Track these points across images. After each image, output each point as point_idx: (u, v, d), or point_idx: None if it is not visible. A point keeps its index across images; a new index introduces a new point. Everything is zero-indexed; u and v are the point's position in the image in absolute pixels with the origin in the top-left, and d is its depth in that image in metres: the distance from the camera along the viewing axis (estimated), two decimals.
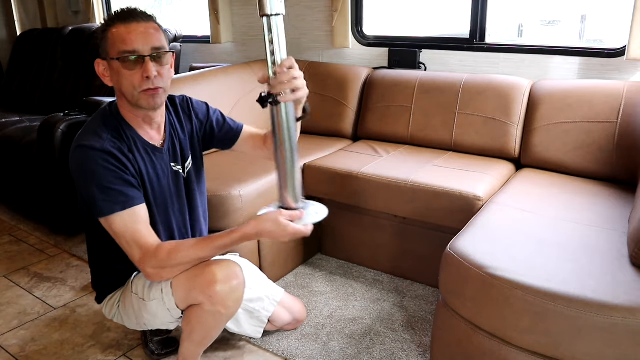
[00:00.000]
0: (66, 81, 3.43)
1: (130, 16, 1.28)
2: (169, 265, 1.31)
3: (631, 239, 1.34)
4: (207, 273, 1.32)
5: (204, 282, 1.32)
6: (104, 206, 1.27)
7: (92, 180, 1.27)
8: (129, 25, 1.27)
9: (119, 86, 1.31)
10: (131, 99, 1.31)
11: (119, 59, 1.26)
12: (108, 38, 1.28)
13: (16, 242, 2.58)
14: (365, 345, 1.74)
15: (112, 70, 1.31)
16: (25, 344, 1.79)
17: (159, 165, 1.42)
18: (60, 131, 2.38)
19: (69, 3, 4.09)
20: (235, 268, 1.37)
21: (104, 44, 1.30)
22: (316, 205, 1.35)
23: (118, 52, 1.26)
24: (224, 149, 1.62)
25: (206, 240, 1.33)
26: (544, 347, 1.21)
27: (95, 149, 1.28)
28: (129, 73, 1.27)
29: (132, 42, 1.25)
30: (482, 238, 1.47)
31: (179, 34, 3.14)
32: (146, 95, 1.30)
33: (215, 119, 1.57)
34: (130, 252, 1.31)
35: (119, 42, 1.26)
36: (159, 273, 1.32)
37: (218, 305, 1.33)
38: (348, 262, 2.29)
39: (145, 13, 1.31)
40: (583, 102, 2.05)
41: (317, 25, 2.94)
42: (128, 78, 1.28)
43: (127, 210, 1.28)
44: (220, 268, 1.33)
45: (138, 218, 1.30)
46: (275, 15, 1.17)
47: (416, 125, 2.41)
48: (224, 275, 1.33)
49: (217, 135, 1.57)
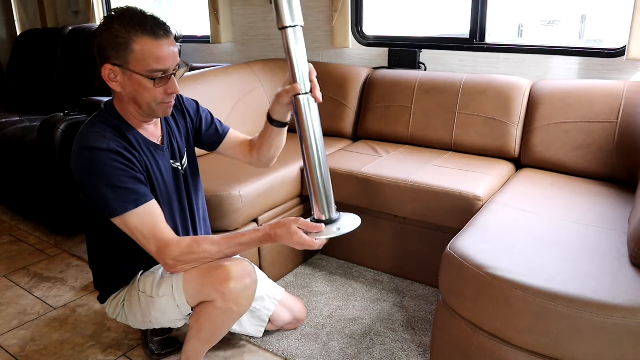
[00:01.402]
0: (66, 81, 3.43)
1: (158, 29, 1.24)
2: (189, 258, 1.32)
3: (631, 239, 1.34)
4: (221, 270, 1.33)
5: (218, 279, 1.33)
6: (117, 206, 1.27)
7: (102, 181, 1.27)
8: (159, 43, 1.24)
9: (134, 95, 1.29)
10: (147, 110, 1.32)
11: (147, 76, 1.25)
12: (134, 50, 1.22)
13: (16, 242, 2.58)
14: (365, 345, 1.74)
15: (129, 80, 1.27)
16: (25, 344, 1.79)
17: (161, 162, 1.42)
18: (60, 131, 2.38)
19: (69, 3, 4.09)
20: (249, 267, 1.38)
21: (124, 53, 1.23)
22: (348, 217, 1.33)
23: (149, 70, 1.24)
24: (209, 150, 1.62)
25: (229, 238, 1.34)
26: (544, 347, 1.21)
27: (102, 150, 1.27)
28: (153, 89, 1.27)
29: (166, 61, 1.25)
30: (482, 238, 1.47)
31: (179, 34, 3.14)
32: (164, 107, 1.32)
33: (204, 117, 1.57)
34: (147, 246, 1.31)
35: (151, 59, 1.23)
36: (177, 265, 1.33)
37: (230, 302, 1.34)
38: (348, 262, 2.29)
39: (166, 25, 1.27)
40: (583, 102, 2.05)
41: (317, 25, 2.94)
42: (151, 92, 1.27)
43: (140, 207, 1.29)
44: (234, 266, 1.34)
45: (153, 213, 1.31)
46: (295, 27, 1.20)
47: (416, 125, 2.41)
48: (238, 273, 1.34)
49: (203, 135, 1.57)
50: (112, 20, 1.24)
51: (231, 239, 1.34)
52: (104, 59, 1.27)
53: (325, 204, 1.28)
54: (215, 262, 1.35)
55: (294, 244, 1.29)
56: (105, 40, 1.25)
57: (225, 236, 1.35)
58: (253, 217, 2.00)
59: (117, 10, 1.26)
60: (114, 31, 1.23)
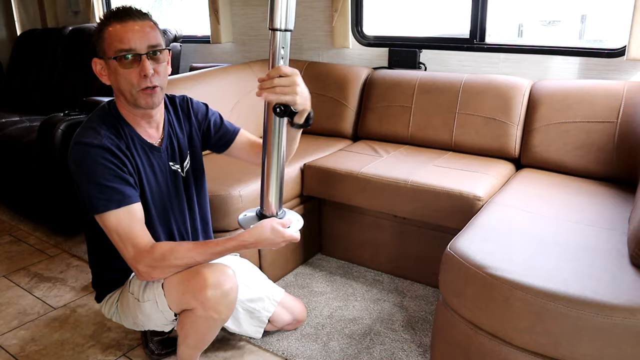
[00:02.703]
0: (66, 81, 3.43)
1: (125, 14, 1.28)
2: (162, 265, 1.30)
3: (631, 239, 1.34)
4: (198, 277, 1.32)
5: (195, 287, 1.31)
6: (98, 203, 1.27)
7: (89, 177, 1.27)
8: (125, 24, 1.27)
9: (116, 85, 1.32)
10: (129, 98, 1.32)
11: (115, 58, 1.27)
12: (105, 37, 1.28)
13: (16, 242, 2.58)
14: (365, 345, 1.74)
15: (109, 69, 1.31)
16: (25, 344, 1.79)
17: (156, 163, 1.42)
18: (60, 131, 2.38)
19: (69, 3, 4.10)
20: (227, 272, 1.36)
21: (100, 43, 1.30)
22: (292, 212, 1.43)
23: (115, 50, 1.26)
24: (218, 152, 1.61)
25: (203, 245, 1.33)
26: (544, 347, 1.21)
27: (93, 146, 1.28)
28: (126, 72, 1.28)
29: (129, 40, 1.26)
30: (482, 238, 1.47)
31: (179, 34, 3.14)
32: (144, 94, 1.30)
33: (213, 120, 1.56)
34: (123, 250, 1.30)
35: (115, 40, 1.26)
36: (150, 273, 1.31)
37: (210, 310, 1.33)
38: (348, 262, 2.29)
39: (140, 11, 1.31)
40: (583, 102, 2.05)
41: (317, 25, 2.94)
42: (125, 77, 1.28)
43: (122, 208, 1.28)
44: (211, 272, 1.33)
45: (133, 216, 1.30)
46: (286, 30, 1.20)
47: (416, 125, 2.41)
48: (215, 280, 1.32)
49: (212, 137, 1.57)
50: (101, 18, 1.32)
51: (205, 247, 1.32)
52: (93, 54, 1.33)
53: (281, 199, 1.37)
54: (194, 269, 1.33)
55: (283, 243, 1.32)
56: (93, 37, 1.33)
57: (199, 243, 1.34)
58: None
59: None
60: (97, 26, 1.31)
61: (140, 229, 1.31)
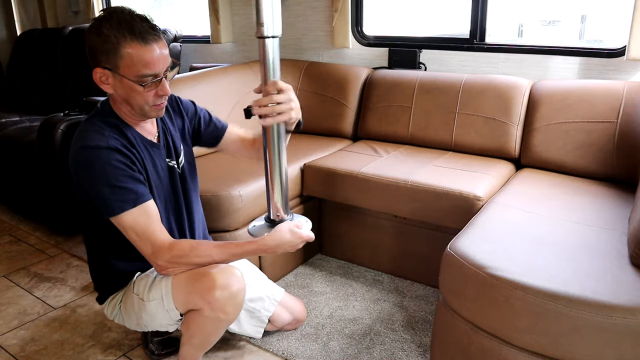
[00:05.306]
0: (66, 81, 3.43)
1: (147, 34, 1.23)
2: (180, 262, 1.33)
3: (631, 239, 1.34)
4: (206, 278, 1.33)
5: (204, 287, 1.32)
6: (114, 205, 1.27)
7: (101, 180, 1.27)
8: (148, 47, 1.23)
9: (126, 98, 1.30)
10: (139, 111, 1.33)
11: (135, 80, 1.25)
12: (123, 56, 1.23)
13: (16, 242, 2.58)
14: (365, 345, 1.74)
15: (120, 84, 1.28)
16: (25, 344, 1.79)
17: (157, 160, 1.42)
18: (60, 131, 2.38)
19: (69, 3, 4.10)
20: (235, 273, 1.37)
21: (114, 59, 1.24)
22: (298, 215, 1.46)
23: (138, 75, 1.24)
24: (210, 147, 1.64)
25: (223, 246, 1.35)
26: (544, 347, 1.21)
27: (101, 148, 1.27)
28: (144, 92, 1.28)
29: (154, 66, 1.25)
30: (482, 238, 1.47)
31: (179, 34, 3.14)
32: (157, 108, 1.33)
33: (202, 116, 1.58)
34: (142, 247, 1.32)
35: (140, 65, 1.23)
36: (168, 267, 1.34)
37: (217, 311, 1.34)
38: (348, 262, 2.29)
39: (155, 27, 1.27)
40: (583, 102, 2.05)
41: (317, 25, 2.94)
42: (142, 95, 1.28)
43: (137, 207, 1.29)
44: (220, 273, 1.34)
45: (149, 213, 1.31)
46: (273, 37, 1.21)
47: (416, 125, 2.41)
48: (224, 281, 1.33)
49: (203, 133, 1.58)
50: (100, 23, 1.24)
51: (225, 248, 1.35)
52: (95, 62, 1.28)
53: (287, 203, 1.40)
54: (203, 269, 1.35)
55: (300, 244, 1.35)
56: (95, 44, 1.25)
57: (219, 244, 1.36)
58: (253, 217, 2.00)
59: (106, 12, 1.26)
60: (102, 35, 1.23)
61: (157, 226, 1.32)
